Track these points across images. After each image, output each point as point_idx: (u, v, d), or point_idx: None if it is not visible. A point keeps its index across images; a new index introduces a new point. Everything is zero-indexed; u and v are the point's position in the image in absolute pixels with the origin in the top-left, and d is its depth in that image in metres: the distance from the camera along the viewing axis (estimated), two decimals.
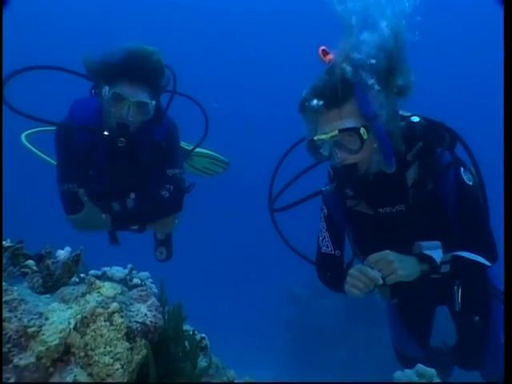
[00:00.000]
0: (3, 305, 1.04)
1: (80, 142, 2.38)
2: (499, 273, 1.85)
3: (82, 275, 1.41)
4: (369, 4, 1.68)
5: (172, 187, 2.48)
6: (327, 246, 2.08)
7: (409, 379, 1.28)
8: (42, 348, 1.00)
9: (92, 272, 1.51)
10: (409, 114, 1.92)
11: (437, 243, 1.84)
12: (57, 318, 1.06)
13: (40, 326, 1.03)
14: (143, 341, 1.10)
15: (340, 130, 1.74)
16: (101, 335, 1.05)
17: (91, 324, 1.06)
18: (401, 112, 1.88)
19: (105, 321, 1.07)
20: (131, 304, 1.17)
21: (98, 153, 2.41)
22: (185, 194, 2.61)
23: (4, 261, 1.25)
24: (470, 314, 2.10)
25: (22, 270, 1.26)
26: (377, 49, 1.69)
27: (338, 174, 1.89)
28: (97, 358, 1.02)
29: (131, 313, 1.13)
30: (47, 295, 1.20)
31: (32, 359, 0.99)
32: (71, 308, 1.10)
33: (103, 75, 2.24)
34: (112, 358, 1.03)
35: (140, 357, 1.09)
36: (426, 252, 1.81)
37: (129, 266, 1.61)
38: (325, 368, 6.50)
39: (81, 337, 1.05)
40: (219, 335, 1.76)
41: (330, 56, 1.77)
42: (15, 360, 0.98)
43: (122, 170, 2.45)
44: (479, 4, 8.60)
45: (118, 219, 2.43)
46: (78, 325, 1.06)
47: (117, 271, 1.56)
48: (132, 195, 2.46)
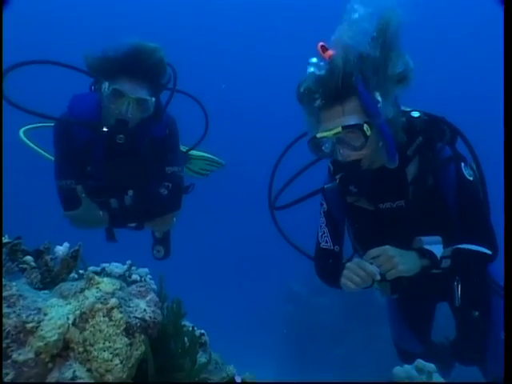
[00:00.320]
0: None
1: (78, 138, 2.37)
2: (499, 268, 1.86)
3: (81, 271, 1.41)
4: None
5: (171, 185, 2.46)
6: (326, 242, 2.08)
7: (408, 374, 1.27)
8: (41, 343, 0.99)
9: (91, 268, 1.50)
10: (409, 109, 1.92)
11: (437, 238, 1.84)
12: (55, 314, 1.05)
13: (39, 322, 1.02)
14: (142, 336, 1.10)
15: (343, 127, 1.73)
16: (100, 331, 1.04)
17: (90, 319, 1.06)
18: (401, 107, 1.88)
19: (104, 316, 1.06)
20: (130, 300, 1.16)
21: (97, 149, 2.40)
22: (183, 193, 2.60)
23: (2, 256, 1.24)
24: (470, 310, 2.10)
25: (21, 266, 1.26)
26: (372, 39, 1.67)
27: (342, 171, 1.88)
28: (96, 354, 1.02)
29: (130, 308, 1.13)
30: (46, 291, 1.19)
31: (31, 355, 0.99)
32: (70, 304, 1.10)
33: (103, 71, 2.22)
34: (111, 354, 1.03)
35: (139, 352, 1.08)
36: (427, 247, 1.80)
37: (128, 263, 1.61)
38: (324, 366, 6.51)
39: (80, 332, 1.04)
40: (218, 333, 1.75)
41: (330, 52, 1.75)
42: (14, 355, 0.97)
43: (121, 167, 2.43)
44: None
45: (116, 216, 2.41)
46: (77, 320, 1.06)
47: (116, 267, 1.56)
48: (130, 192, 2.44)
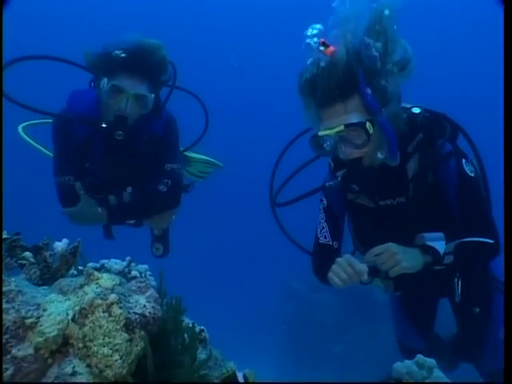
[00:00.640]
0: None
1: (77, 134, 2.36)
2: (501, 265, 1.85)
3: (80, 268, 1.40)
4: None
5: (170, 182, 2.44)
6: (325, 237, 2.06)
7: (408, 369, 1.27)
8: (40, 339, 0.99)
9: (90, 264, 1.49)
10: (410, 106, 1.91)
11: (440, 235, 1.82)
12: (55, 310, 1.05)
13: (38, 317, 1.02)
14: (142, 332, 1.10)
15: (346, 126, 1.71)
16: (99, 326, 1.04)
17: (90, 315, 1.05)
18: (402, 104, 1.87)
19: (103, 312, 1.06)
20: (130, 295, 1.16)
21: (96, 145, 2.39)
22: (184, 191, 2.59)
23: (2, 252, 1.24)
24: (471, 306, 2.10)
25: (19, 262, 1.25)
26: (369, 30, 1.66)
27: (343, 168, 1.87)
28: (95, 349, 1.02)
29: (130, 304, 1.12)
30: (45, 287, 1.19)
31: (30, 350, 0.98)
32: (69, 299, 1.09)
33: (103, 67, 2.21)
34: (111, 349, 1.02)
35: (139, 348, 1.08)
36: (429, 243, 1.79)
37: (127, 259, 1.60)
38: (323, 363, 6.52)
39: (79, 328, 1.04)
40: (217, 330, 1.75)
41: (331, 48, 1.72)
42: (13, 351, 0.97)
43: (119, 163, 2.42)
44: None
45: (114, 213, 2.40)
46: (77, 316, 1.05)
47: (115, 264, 1.55)
48: (129, 189, 2.43)
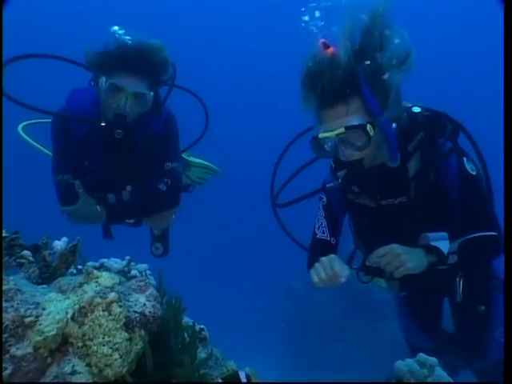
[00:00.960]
0: None
1: (76, 133, 2.35)
2: (501, 264, 1.84)
3: (80, 267, 1.40)
4: None
5: (170, 181, 2.42)
6: (323, 232, 2.05)
7: (410, 368, 1.27)
8: (40, 338, 0.98)
9: (90, 263, 1.49)
10: (410, 105, 1.90)
11: (443, 234, 1.81)
12: (54, 308, 1.04)
13: (37, 316, 1.01)
14: (142, 331, 1.09)
15: (346, 128, 1.70)
16: (99, 325, 1.03)
17: (89, 314, 1.05)
18: (402, 103, 1.86)
19: (103, 311, 1.05)
20: (129, 294, 1.15)
21: (95, 144, 2.38)
22: (183, 190, 2.58)
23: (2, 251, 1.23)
24: (473, 305, 2.09)
25: (18, 261, 1.24)
26: (366, 28, 1.65)
27: (344, 169, 1.86)
28: (95, 348, 1.01)
29: (130, 303, 1.12)
30: (44, 286, 1.18)
31: (29, 349, 0.98)
32: (69, 298, 1.09)
33: (102, 66, 2.20)
34: (111, 348, 1.02)
35: (139, 347, 1.07)
36: (433, 243, 1.78)
37: (127, 258, 1.59)
38: (323, 362, 6.52)
39: (79, 327, 1.03)
40: (216, 329, 1.75)
41: (332, 49, 1.70)
42: (12, 350, 0.96)
43: (119, 162, 2.41)
44: None
45: (114, 212, 2.38)
46: (76, 315, 1.05)
47: (115, 263, 1.54)
48: (128, 188, 2.41)
